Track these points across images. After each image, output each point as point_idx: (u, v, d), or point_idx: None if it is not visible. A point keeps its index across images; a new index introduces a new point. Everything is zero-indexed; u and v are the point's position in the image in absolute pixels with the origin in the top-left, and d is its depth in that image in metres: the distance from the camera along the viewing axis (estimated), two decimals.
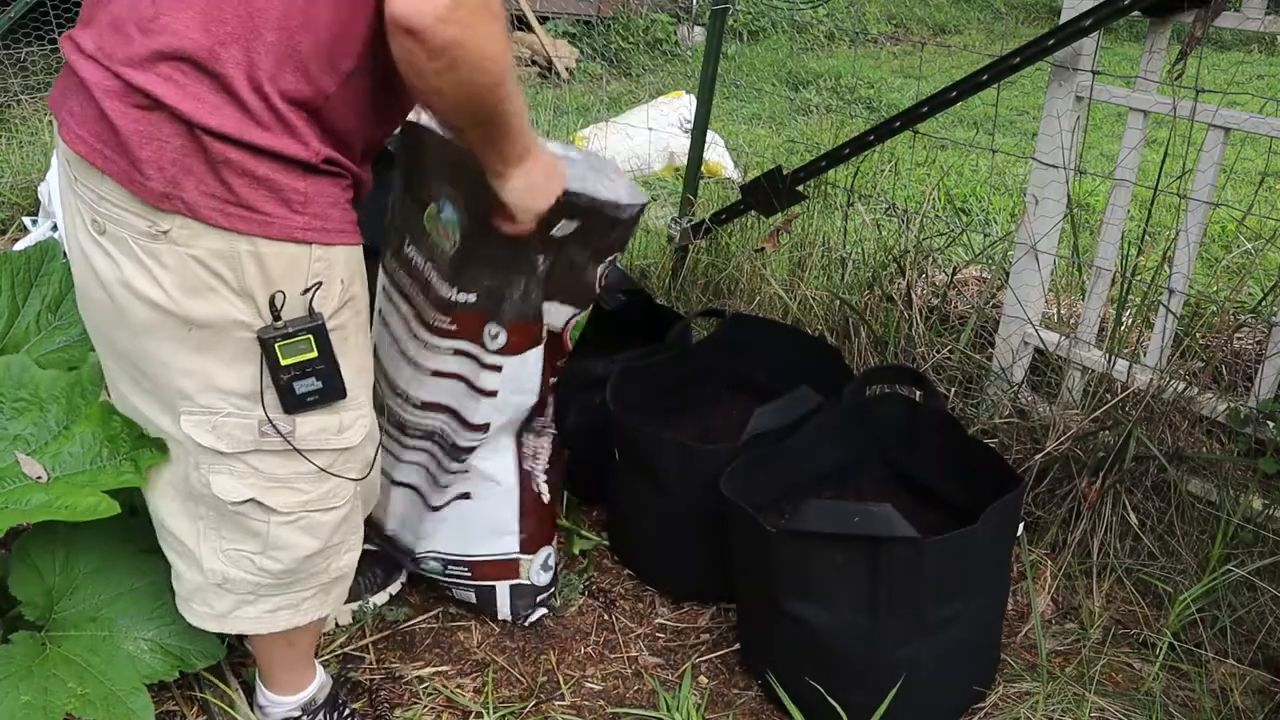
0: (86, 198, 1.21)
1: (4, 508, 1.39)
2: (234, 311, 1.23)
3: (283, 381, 1.26)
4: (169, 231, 1.17)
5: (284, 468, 1.34)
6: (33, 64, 5.03)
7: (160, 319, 1.22)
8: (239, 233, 1.18)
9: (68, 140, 1.20)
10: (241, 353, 1.25)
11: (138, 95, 1.14)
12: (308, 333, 1.25)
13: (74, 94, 1.20)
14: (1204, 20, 1.92)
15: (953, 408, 2.36)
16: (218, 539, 1.38)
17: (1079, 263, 2.53)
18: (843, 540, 1.59)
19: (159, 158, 1.14)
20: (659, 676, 1.88)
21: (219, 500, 1.33)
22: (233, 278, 1.20)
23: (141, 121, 1.14)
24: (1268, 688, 1.81)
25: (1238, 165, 4.72)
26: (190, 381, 1.27)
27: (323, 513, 1.39)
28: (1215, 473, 2.02)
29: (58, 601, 1.49)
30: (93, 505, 1.38)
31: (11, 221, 3.77)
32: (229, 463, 1.31)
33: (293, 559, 1.40)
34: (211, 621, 1.45)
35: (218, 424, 1.29)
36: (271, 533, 1.37)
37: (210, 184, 1.15)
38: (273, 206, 1.18)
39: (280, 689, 1.62)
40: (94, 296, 1.27)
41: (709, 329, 2.40)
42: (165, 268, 1.19)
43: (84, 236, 1.24)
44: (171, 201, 1.16)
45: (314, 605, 1.49)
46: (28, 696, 1.33)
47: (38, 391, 1.52)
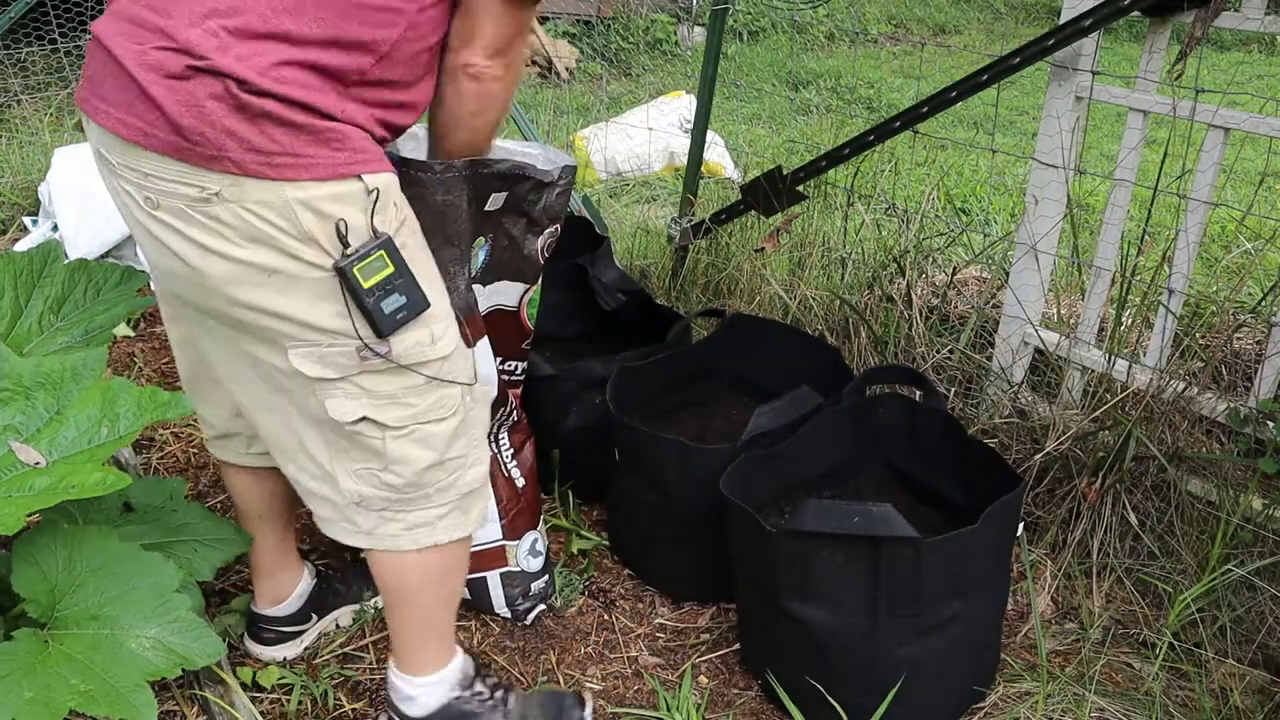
0: (132, 179, 1.25)
1: (8, 496, 1.39)
2: (302, 254, 1.26)
3: (369, 304, 1.30)
4: (219, 192, 1.22)
5: (391, 384, 1.38)
6: (33, 64, 5.03)
7: (239, 270, 1.26)
8: (287, 180, 1.22)
9: (108, 126, 1.24)
10: (322, 291, 1.29)
11: (175, 64, 1.18)
12: (380, 248, 1.29)
13: (109, 80, 1.24)
14: (1204, 20, 1.92)
15: (953, 408, 2.36)
16: (348, 460, 1.43)
17: (1079, 263, 2.54)
18: (843, 540, 1.59)
19: (201, 123, 1.19)
20: (659, 676, 1.88)
21: (335, 422, 1.38)
22: (289, 226, 1.24)
23: (180, 91, 1.18)
24: (1267, 688, 1.81)
25: (1238, 165, 4.72)
26: (283, 323, 1.31)
27: (434, 424, 1.43)
28: (1215, 473, 2.03)
29: (60, 599, 1.49)
30: (100, 480, 1.39)
31: (12, 221, 3.78)
32: (340, 385, 1.36)
33: (412, 472, 1.44)
34: (361, 538, 1.49)
35: (322, 354, 1.33)
36: (388, 447, 1.41)
37: (253, 138, 1.20)
38: (314, 149, 1.23)
39: (425, 667, 1.62)
40: (173, 269, 1.31)
41: (709, 329, 2.41)
42: (226, 224, 1.24)
43: (142, 216, 1.28)
44: (221, 162, 1.20)
45: (451, 524, 1.51)
46: (31, 693, 1.33)
47: (20, 380, 1.53)
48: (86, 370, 1.53)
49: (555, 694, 1.76)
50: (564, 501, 2.29)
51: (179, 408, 1.52)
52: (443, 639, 1.63)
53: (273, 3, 1.21)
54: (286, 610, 1.85)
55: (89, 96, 1.29)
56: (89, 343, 1.81)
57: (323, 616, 1.92)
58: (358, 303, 1.30)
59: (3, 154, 4.18)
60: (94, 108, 1.27)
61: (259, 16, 1.20)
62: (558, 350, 2.52)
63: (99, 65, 1.27)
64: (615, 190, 4.54)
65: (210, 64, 1.18)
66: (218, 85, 1.18)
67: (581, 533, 2.23)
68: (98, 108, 1.26)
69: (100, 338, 1.82)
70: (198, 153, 1.20)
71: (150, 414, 1.51)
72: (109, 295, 1.88)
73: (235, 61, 1.19)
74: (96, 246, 3.25)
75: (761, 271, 2.82)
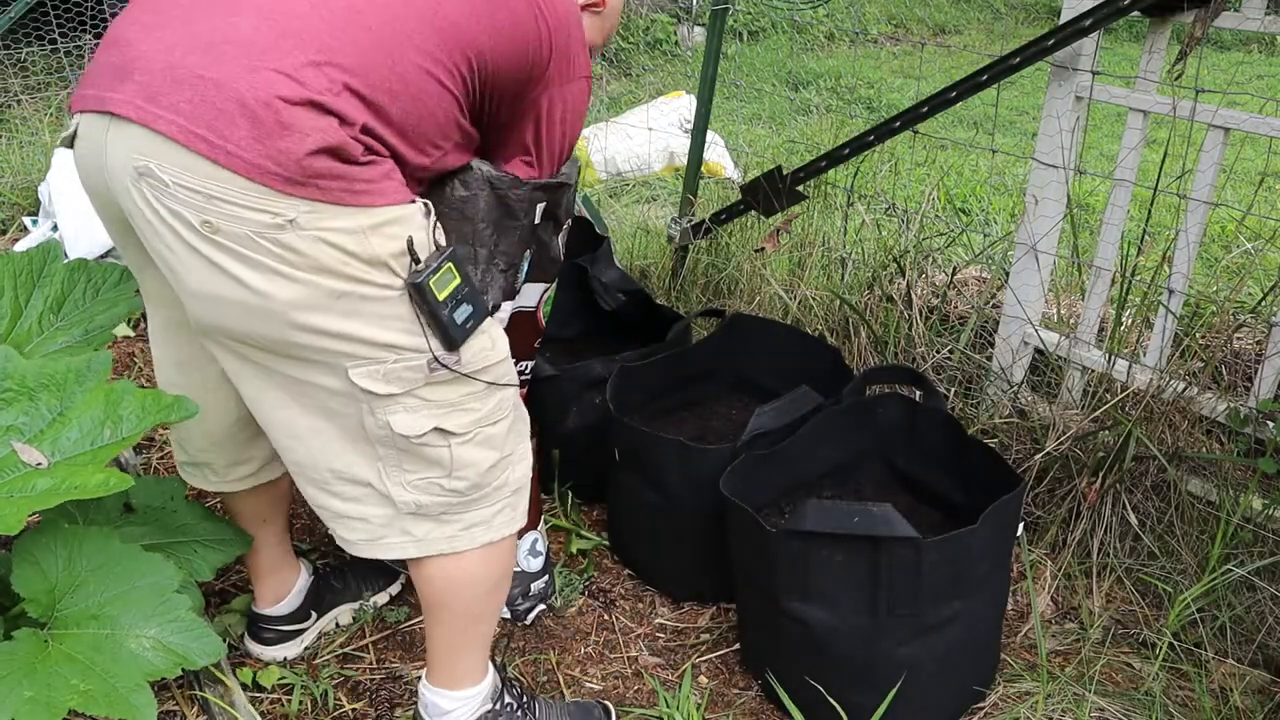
0: (190, 201, 1.20)
1: (10, 497, 1.39)
2: (372, 278, 1.27)
3: (444, 318, 1.31)
4: (295, 220, 1.20)
5: (454, 392, 1.38)
6: (33, 64, 5.03)
7: (305, 293, 1.25)
8: (362, 206, 1.23)
9: (177, 137, 1.19)
10: (391, 311, 1.29)
11: (291, 91, 1.18)
12: (447, 259, 1.32)
13: (179, 89, 1.20)
14: (1204, 20, 1.92)
15: (953, 408, 2.36)
16: (401, 473, 1.41)
17: (1079, 263, 2.54)
18: (843, 540, 1.59)
19: (297, 149, 1.18)
20: (659, 676, 1.88)
21: (401, 437, 1.37)
22: (360, 251, 1.24)
23: (286, 115, 1.17)
24: (1267, 688, 1.81)
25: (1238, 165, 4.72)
26: (349, 344, 1.30)
27: (493, 425, 1.45)
28: (1215, 473, 2.03)
29: (60, 599, 1.49)
30: (102, 481, 1.38)
31: (12, 221, 3.78)
32: (402, 400, 1.35)
33: (476, 474, 1.44)
34: (411, 548, 1.47)
35: (387, 371, 1.32)
36: (454, 454, 1.41)
37: (339, 168, 1.21)
38: (384, 179, 1.26)
39: (463, 680, 1.60)
40: (224, 294, 1.26)
41: (709, 329, 2.41)
42: (295, 252, 1.22)
43: (193, 239, 1.23)
44: (305, 189, 1.19)
45: (504, 520, 1.51)
46: (31, 693, 1.33)
47: (24, 381, 1.52)
48: (91, 372, 1.53)
49: (581, 705, 1.76)
50: (564, 501, 2.29)
51: (182, 410, 1.52)
52: (484, 651, 1.62)
53: (375, 81, 1.23)
54: (287, 608, 1.85)
55: (141, 104, 1.21)
56: (89, 342, 1.81)
57: (322, 615, 1.92)
58: (432, 316, 1.31)
59: (3, 154, 4.18)
60: (153, 116, 1.20)
61: (366, 85, 1.22)
62: (558, 350, 2.52)
63: (169, 69, 1.21)
64: (615, 190, 4.54)
65: (327, 103, 1.19)
66: (324, 121, 1.19)
67: (581, 533, 2.23)
68: (160, 117, 1.20)
69: (100, 338, 1.82)
70: (284, 178, 1.18)
71: (153, 416, 1.51)
72: (108, 295, 1.88)
73: (347, 106, 1.21)
74: (96, 247, 3.25)
75: (761, 271, 2.82)
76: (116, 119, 1.23)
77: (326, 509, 1.48)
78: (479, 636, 1.59)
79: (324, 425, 1.39)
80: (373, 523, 1.46)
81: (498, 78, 1.38)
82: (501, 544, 1.52)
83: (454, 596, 1.53)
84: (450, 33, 1.29)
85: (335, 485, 1.44)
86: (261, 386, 1.39)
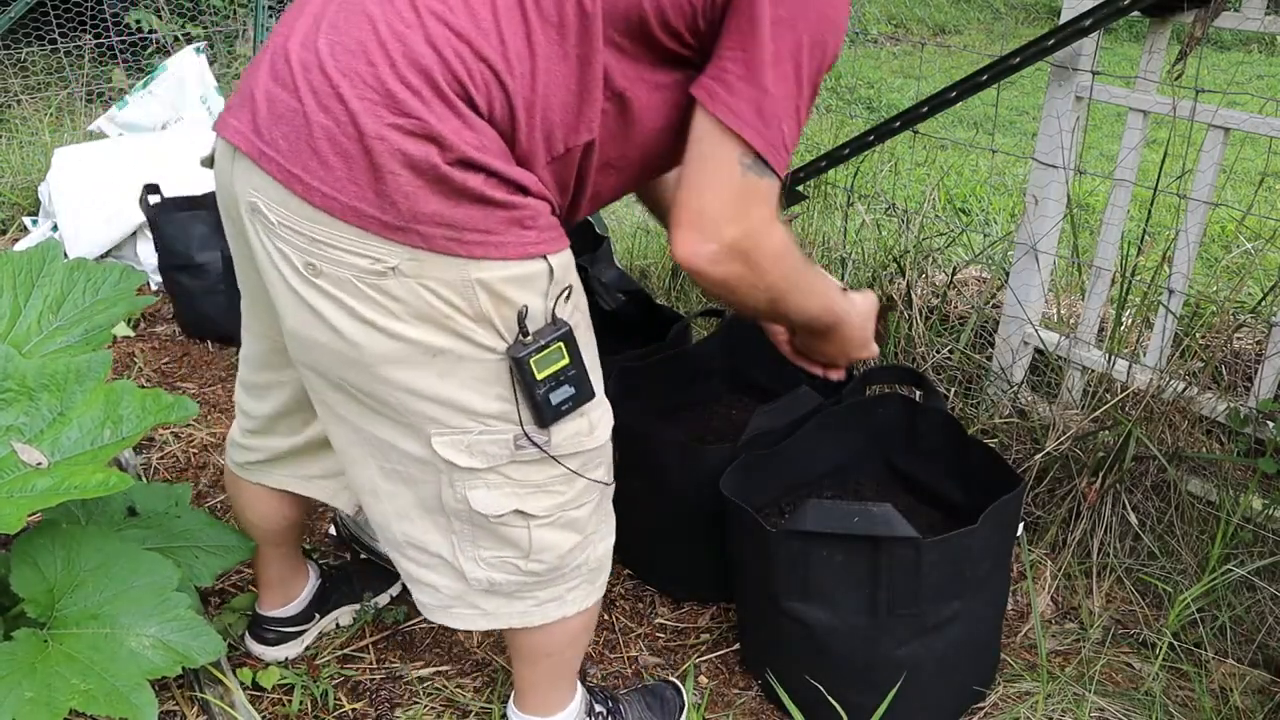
0: (295, 242, 1.15)
1: (10, 497, 1.39)
2: (475, 336, 1.19)
3: (539, 396, 1.23)
4: (397, 266, 1.13)
5: (539, 474, 1.31)
6: (33, 64, 5.03)
7: (401, 349, 1.18)
8: (473, 259, 1.14)
9: (279, 178, 1.13)
10: (488, 375, 1.22)
11: (374, 121, 1.09)
12: (559, 340, 1.22)
13: (281, 124, 1.13)
14: (1204, 20, 1.92)
15: (953, 408, 2.36)
16: (474, 549, 1.35)
17: (1079, 263, 2.54)
18: (843, 540, 1.59)
19: (393, 191, 1.10)
20: (659, 676, 1.88)
21: (479, 514, 1.31)
22: (465, 305, 1.17)
23: (376, 153, 1.09)
24: (1267, 688, 1.81)
25: (1238, 165, 4.72)
26: (437, 407, 1.23)
27: (578, 509, 1.37)
28: (1215, 473, 2.03)
29: (60, 599, 1.49)
30: (102, 480, 1.38)
31: (12, 221, 3.78)
32: (484, 476, 1.28)
33: (556, 557, 1.37)
34: (481, 621, 1.42)
35: (471, 443, 1.25)
36: (533, 536, 1.34)
37: (446, 212, 1.11)
38: (506, 228, 1.15)
39: (554, 707, 1.57)
40: (319, 339, 1.21)
41: (709, 329, 2.41)
42: (397, 300, 1.15)
43: (295, 281, 1.18)
44: (407, 235, 1.12)
45: (580, 595, 1.44)
46: (31, 693, 1.33)
47: (24, 381, 1.52)
48: (91, 372, 1.53)
49: (653, 690, 1.74)
50: None
51: (182, 410, 1.52)
52: (572, 678, 1.58)
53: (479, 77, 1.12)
54: (292, 611, 1.85)
55: (250, 136, 1.16)
56: (88, 342, 1.81)
57: (324, 615, 1.92)
58: (527, 393, 1.23)
59: (3, 154, 4.18)
60: (258, 151, 1.15)
61: (472, 84, 1.11)
62: None
63: (269, 101, 1.15)
64: None
65: (422, 126, 1.09)
66: (419, 151, 1.09)
67: None
68: (264, 153, 1.14)
69: (99, 337, 1.82)
70: (383, 222, 1.11)
71: (153, 416, 1.51)
72: (108, 295, 1.88)
73: (440, 123, 1.09)
74: (96, 247, 3.25)
75: None
76: (237, 149, 1.18)
77: (401, 569, 1.44)
78: (567, 672, 1.56)
79: (401, 491, 1.34)
80: (443, 593, 1.41)
81: None
82: (580, 614, 1.46)
83: (534, 651, 1.50)
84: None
85: (408, 550, 1.40)
86: (348, 441, 1.34)
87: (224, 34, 5.54)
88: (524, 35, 1.13)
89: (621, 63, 1.18)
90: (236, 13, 5.61)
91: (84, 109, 4.64)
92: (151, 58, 5.16)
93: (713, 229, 1.17)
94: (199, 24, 5.41)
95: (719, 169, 1.15)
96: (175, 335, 3.07)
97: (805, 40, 1.14)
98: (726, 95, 1.14)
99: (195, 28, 5.34)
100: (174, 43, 5.10)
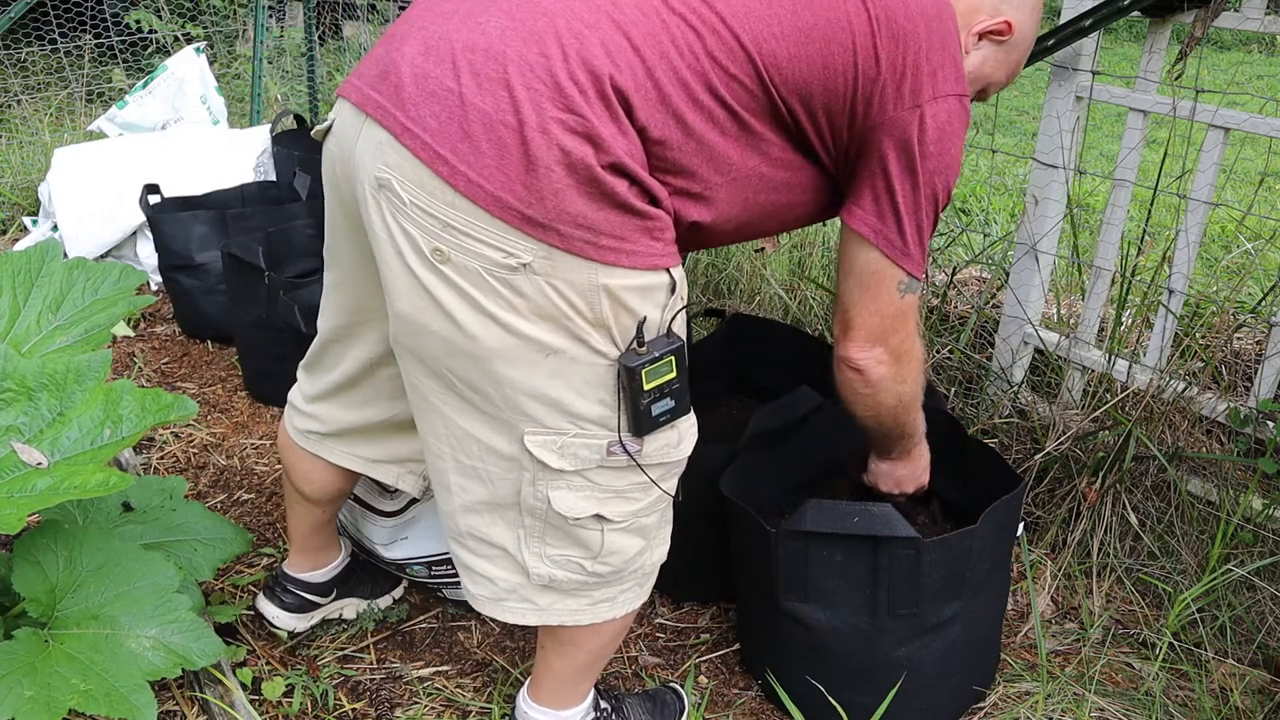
0: (425, 225, 1.14)
1: (10, 497, 1.39)
2: (590, 340, 1.20)
3: (642, 406, 1.24)
4: (529, 263, 1.13)
5: (621, 480, 1.33)
6: (33, 64, 5.03)
7: (516, 344, 1.19)
8: (605, 264, 1.15)
9: (422, 156, 1.12)
10: (596, 379, 1.23)
11: (535, 115, 1.09)
12: (671, 354, 1.24)
13: (430, 101, 1.12)
14: (1204, 20, 1.92)
15: (953, 408, 2.36)
16: (541, 545, 1.36)
17: (1079, 263, 2.54)
18: (843, 540, 1.59)
19: (543, 188, 1.10)
20: (659, 676, 1.88)
21: (558, 515, 1.31)
22: (587, 309, 1.18)
23: (534, 145, 1.09)
24: (1267, 688, 1.81)
25: (1238, 165, 4.72)
26: (539, 406, 1.23)
27: (649, 516, 1.40)
28: (1215, 473, 2.03)
29: (60, 599, 1.49)
30: (102, 480, 1.38)
31: (12, 221, 3.78)
32: (568, 478, 1.30)
33: (622, 560, 1.39)
34: (531, 616, 1.43)
35: (564, 444, 1.27)
36: (605, 540, 1.36)
37: (588, 214, 1.12)
38: (639, 236, 1.16)
39: (570, 703, 1.58)
40: (432, 326, 1.20)
41: (709, 329, 2.41)
42: (522, 296, 1.15)
43: (417, 264, 1.17)
44: (547, 233, 1.11)
45: (631, 597, 1.46)
46: (31, 692, 1.33)
47: (24, 381, 1.52)
48: (90, 372, 1.53)
49: (652, 694, 1.75)
50: None
51: (181, 410, 1.52)
52: (593, 678, 1.60)
53: (643, 91, 1.13)
54: (320, 578, 1.84)
55: (393, 109, 1.14)
56: (88, 342, 1.81)
57: (339, 598, 1.91)
58: (631, 402, 1.24)
59: (3, 154, 4.19)
60: (401, 126, 1.13)
61: (636, 97, 1.12)
62: None
63: (419, 78, 1.13)
64: None
65: (584, 124, 1.09)
66: (578, 150, 1.09)
67: None
68: (407, 129, 1.12)
69: (99, 337, 1.82)
70: (526, 216, 1.10)
71: (153, 416, 1.51)
72: (107, 294, 1.88)
73: (605, 129, 1.10)
74: (96, 247, 3.26)
75: (761, 271, 2.82)
76: (370, 119, 1.17)
77: (456, 557, 1.45)
78: (595, 669, 1.58)
79: (473, 487, 1.34)
80: (498, 585, 1.42)
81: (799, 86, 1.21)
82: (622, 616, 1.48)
83: (573, 647, 1.51)
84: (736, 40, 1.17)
85: (469, 541, 1.41)
86: (433, 431, 1.34)
87: (224, 34, 5.54)
88: (696, 69, 1.16)
89: (770, 133, 1.25)
90: (236, 13, 5.62)
91: (84, 109, 4.64)
92: (151, 58, 5.16)
93: (881, 337, 1.37)
94: (199, 24, 5.41)
95: (882, 292, 1.34)
96: (175, 335, 3.07)
97: (939, 185, 1.30)
98: (889, 233, 1.31)
99: (195, 28, 5.34)
100: (174, 43, 5.10)
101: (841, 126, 1.25)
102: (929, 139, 1.24)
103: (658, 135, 1.15)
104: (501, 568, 1.40)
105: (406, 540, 1.94)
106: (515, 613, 1.43)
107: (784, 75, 1.19)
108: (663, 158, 1.17)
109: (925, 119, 1.23)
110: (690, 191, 1.22)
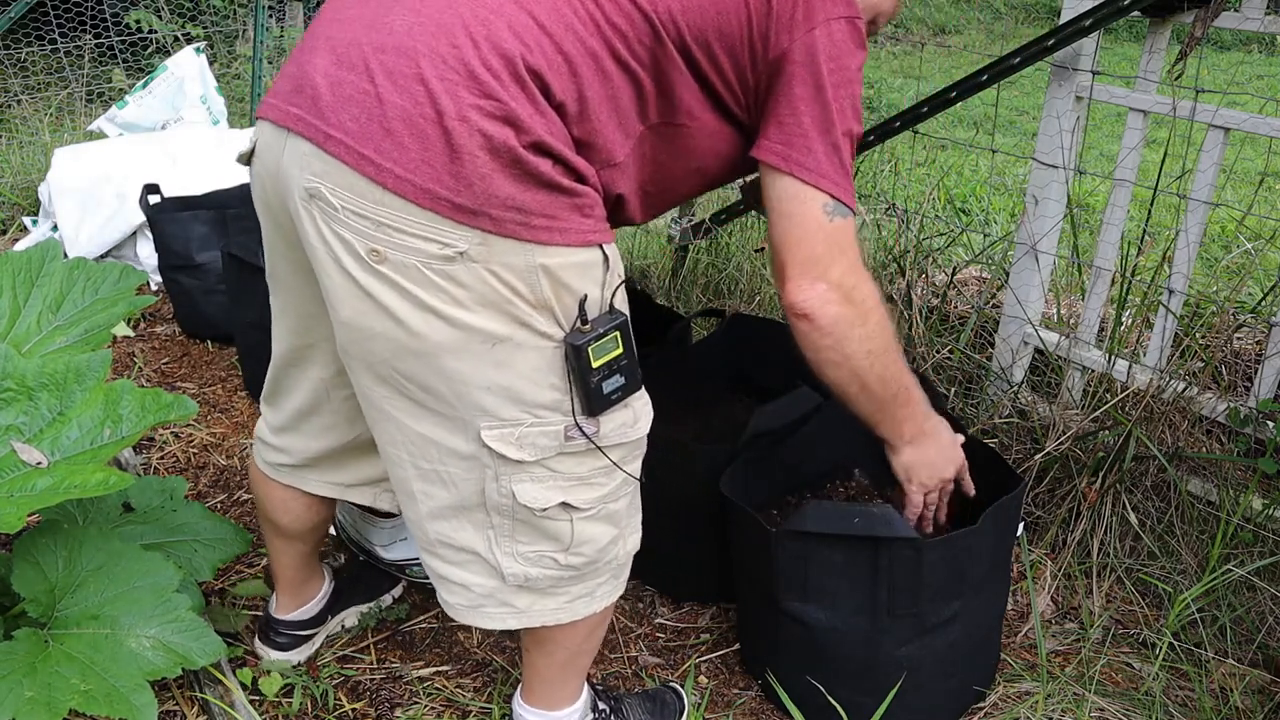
0: (359, 227, 1.14)
1: (10, 496, 1.39)
2: (534, 323, 1.20)
3: (592, 384, 1.24)
4: (466, 251, 1.14)
5: (583, 466, 1.32)
6: (33, 64, 5.03)
7: (462, 337, 1.19)
8: (540, 244, 1.15)
9: (348, 161, 1.12)
10: (544, 363, 1.23)
11: (453, 103, 1.10)
12: (615, 329, 1.24)
13: (348, 107, 1.13)
14: (1204, 20, 1.92)
15: (953, 408, 2.36)
16: (512, 544, 1.35)
17: (1079, 263, 2.54)
18: (843, 540, 1.59)
19: (470, 174, 1.11)
20: (659, 676, 1.88)
21: (524, 508, 1.31)
22: (528, 291, 1.18)
23: (456, 134, 1.10)
24: (1268, 688, 1.81)
25: (1238, 165, 4.73)
26: (491, 398, 1.23)
27: (616, 501, 1.39)
28: (1215, 473, 2.03)
29: (60, 599, 1.49)
30: (102, 480, 1.38)
31: (12, 221, 3.78)
32: (530, 470, 1.29)
33: (595, 550, 1.39)
34: (512, 620, 1.42)
35: (521, 435, 1.26)
36: (576, 530, 1.35)
37: (516, 196, 1.13)
38: (569, 214, 1.17)
39: (563, 702, 1.58)
40: (376, 329, 1.20)
41: (709, 329, 2.41)
42: (462, 286, 1.16)
43: (355, 269, 1.17)
44: (478, 219, 1.12)
45: (607, 590, 1.46)
46: (31, 692, 1.33)
47: (24, 381, 1.52)
48: (90, 372, 1.53)
49: (651, 694, 1.75)
50: None
51: (181, 409, 1.52)
52: (583, 675, 1.59)
53: (549, 67, 1.15)
54: (307, 615, 1.84)
55: (312, 120, 1.15)
56: (88, 342, 1.81)
57: (334, 617, 1.91)
58: (581, 381, 1.24)
59: (3, 154, 4.19)
60: (323, 135, 1.13)
61: (548, 73, 1.14)
62: None
63: (334, 85, 1.15)
64: None
65: (502, 108, 1.10)
66: (499, 134, 1.11)
67: None
68: (330, 136, 1.13)
69: (99, 337, 1.83)
70: (456, 205, 1.11)
71: (153, 416, 1.51)
72: (107, 294, 1.89)
73: (521, 109, 1.11)
74: (96, 247, 3.26)
75: (761, 271, 2.82)
76: (292, 134, 1.17)
77: (429, 568, 1.44)
78: (582, 666, 1.57)
79: (435, 491, 1.34)
80: (474, 591, 1.41)
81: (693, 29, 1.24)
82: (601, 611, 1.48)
83: (556, 645, 1.51)
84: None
85: (440, 549, 1.40)
86: (390, 439, 1.33)
87: (224, 34, 5.55)
88: (600, 38, 1.19)
89: (679, 90, 1.26)
90: (236, 13, 5.62)
91: (84, 109, 4.64)
92: (151, 58, 5.16)
93: (819, 270, 1.31)
94: (199, 24, 5.41)
95: (807, 219, 1.29)
96: (175, 335, 3.07)
97: (847, 103, 1.29)
98: (799, 155, 1.28)
99: (195, 28, 5.34)
100: (174, 43, 5.10)
101: (745, 67, 1.28)
102: (828, 56, 1.27)
103: (575, 110, 1.18)
104: (475, 573, 1.39)
105: (406, 541, 1.94)
106: (494, 618, 1.42)
107: (679, 27, 1.22)
108: (583, 130, 1.20)
109: (820, 40, 1.26)
110: (613, 161, 1.25)
